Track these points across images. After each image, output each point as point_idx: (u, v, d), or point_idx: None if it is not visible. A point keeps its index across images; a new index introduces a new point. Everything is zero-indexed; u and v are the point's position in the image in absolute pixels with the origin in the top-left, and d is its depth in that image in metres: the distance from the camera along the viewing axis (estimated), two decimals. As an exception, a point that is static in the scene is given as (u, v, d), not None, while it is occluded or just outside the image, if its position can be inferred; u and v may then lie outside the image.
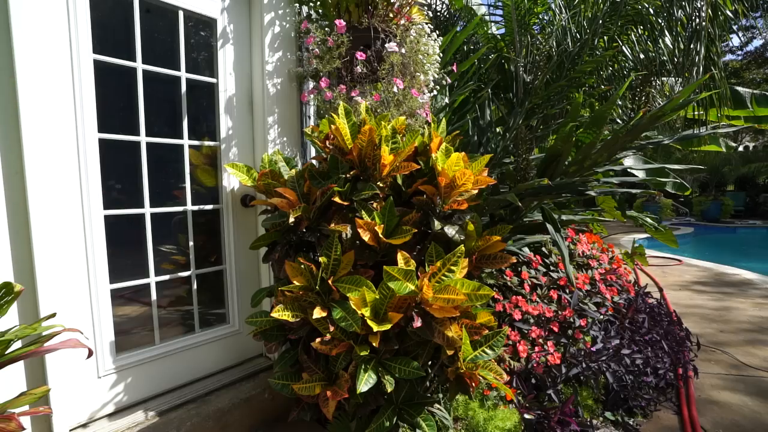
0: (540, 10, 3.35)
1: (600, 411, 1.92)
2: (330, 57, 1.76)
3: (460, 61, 2.95)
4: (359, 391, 1.15)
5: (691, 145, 5.36)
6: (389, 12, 1.88)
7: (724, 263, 5.70)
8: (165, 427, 1.49)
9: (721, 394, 2.17)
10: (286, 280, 1.40)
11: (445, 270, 1.24)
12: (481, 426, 1.65)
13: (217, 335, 1.85)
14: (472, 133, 2.63)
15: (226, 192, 1.85)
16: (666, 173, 4.07)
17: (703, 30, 2.85)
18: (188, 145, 1.73)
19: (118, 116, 1.55)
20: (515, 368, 1.96)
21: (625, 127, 2.15)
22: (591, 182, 2.09)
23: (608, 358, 1.97)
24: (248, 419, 1.74)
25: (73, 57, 1.36)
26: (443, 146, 1.43)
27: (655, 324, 2.49)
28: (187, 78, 1.71)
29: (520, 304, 2.07)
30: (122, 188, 1.58)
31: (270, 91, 1.85)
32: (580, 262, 2.69)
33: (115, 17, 1.52)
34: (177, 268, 1.74)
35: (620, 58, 3.33)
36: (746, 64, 16.09)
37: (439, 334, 1.22)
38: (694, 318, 3.38)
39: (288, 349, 1.48)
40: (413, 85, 1.83)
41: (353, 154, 1.43)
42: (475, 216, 1.49)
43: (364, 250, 1.42)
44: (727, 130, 2.58)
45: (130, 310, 1.63)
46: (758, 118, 4.96)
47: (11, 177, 1.26)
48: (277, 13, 1.86)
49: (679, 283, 4.64)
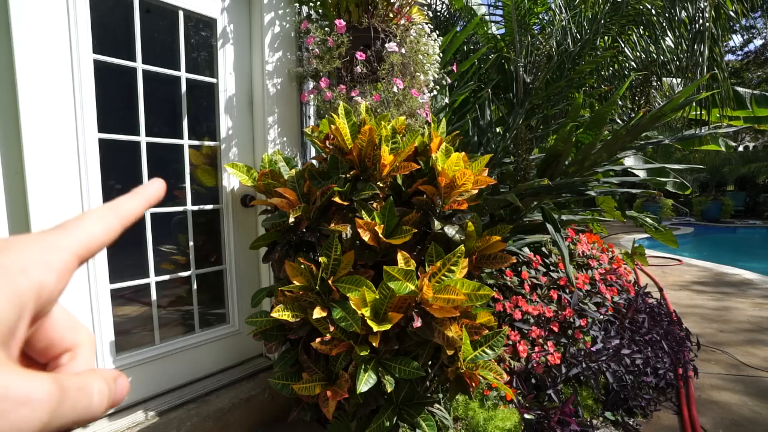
0: (540, 10, 3.35)
1: (600, 411, 1.92)
2: (330, 57, 1.75)
3: (460, 61, 2.94)
4: (359, 391, 1.15)
5: (691, 145, 5.37)
6: (389, 12, 1.88)
7: (723, 263, 5.70)
8: (165, 427, 1.49)
9: (721, 394, 2.17)
10: (286, 280, 1.40)
11: (445, 270, 1.24)
12: (481, 426, 1.65)
13: (217, 335, 1.85)
14: (472, 133, 2.63)
15: (226, 192, 1.85)
16: (666, 173, 4.06)
17: (707, 30, 2.85)
18: (188, 145, 1.73)
19: (118, 116, 1.55)
20: (515, 368, 1.96)
21: (625, 127, 2.15)
22: (591, 182, 2.09)
23: (608, 358, 1.97)
24: (248, 419, 1.74)
25: (73, 57, 1.36)
26: (443, 146, 1.43)
27: (655, 324, 2.49)
28: (187, 78, 1.71)
29: (520, 304, 2.07)
30: (122, 188, 1.58)
31: (270, 91, 1.85)
32: (580, 262, 2.69)
33: (115, 17, 1.52)
34: (177, 268, 1.74)
35: (621, 58, 3.33)
36: (746, 64, 16.09)
37: (439, 334, 1.22)
38: (694, 318, 3.39)
39: (288, 349, 1.48)
40: (413, 85, 1.83)
41: (353, 154, 1.43)
42: (475, 216, 1.49)
43: (364, 250, 1.42)
44: (727, 130, 2.58)
45: (130, 310, 1.63)
46: (758, 118, 4.96)
47: (11, 177, 1.26)
48: (277, 13, 1.86)
49: (679, 283, 4.64)
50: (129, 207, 0.26)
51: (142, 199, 0.27)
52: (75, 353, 0.24)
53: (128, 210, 0.25)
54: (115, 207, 0.25)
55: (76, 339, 0.25)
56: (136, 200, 0.26)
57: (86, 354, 0.25)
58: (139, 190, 0.27)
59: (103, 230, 0.23)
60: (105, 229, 0.23)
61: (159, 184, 0.28)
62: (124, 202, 0.26)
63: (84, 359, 0.24)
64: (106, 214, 0.24)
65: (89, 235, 0.23)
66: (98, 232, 0.23)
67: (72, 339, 0.24)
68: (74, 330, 0.25)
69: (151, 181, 0.28)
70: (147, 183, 0.28)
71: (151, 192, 0.27)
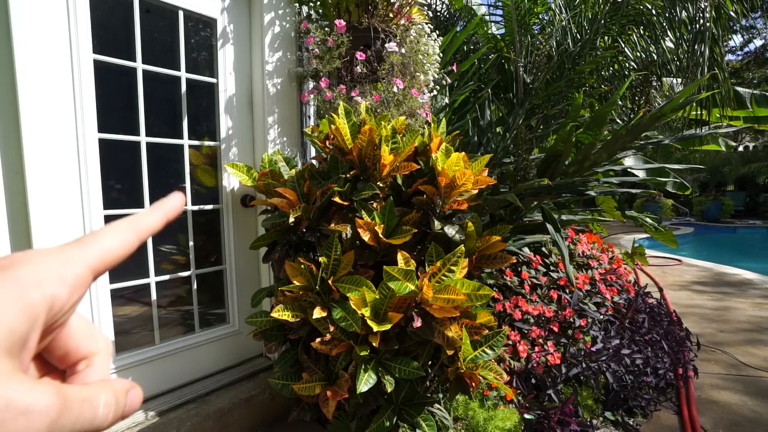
0: (540, 10, 3.35)
1: (600, 411, 1.92)
2: (330, 57, 1.75)
3: (460, 61, 2.94)
4: (359, 391, 1.15)
5: (691, 145, 5.37)
6: (389, 12, 1.88)
7: (723, 263, 5.70)
8: (165, 427, 1.49)
9: (721, 393, 2.17)
10: (286, 280, 1.40)
11: (445, 270, 1.24)
12: (481, 426, 1.65)
13: (217, 335, 1.85)
14: (472, 133, 2.63)
15: (226, 192, 1.85)
16: (666, 173, 4.07)
17: (707, 31, 2.85)
18: (188, 145, 1.73)
19: (118, 116, 1.55)
20: (515, 368, 1.96)
21: (625, 127, 2.15)
22: (591, 182, 2.09)
23: (608, 358, 1.97)
24: (248, 419, 1.74)
25: (73, 57, 1.36)
26: (443, 146, 1.43)
27: (655, 324, 2.49)
28: (187, 78, 1.71)
29: (520, 304, 2.07)
30: (122, 188, 1.58)
31: (270, 91, 1.85)
32: (580, 262, 2.69)
33: (115, 17, 1.52)
34: (177, 268, 1.74)
35: (621, 58, 3.33)
36: (746, 64, 16.10)
37: (439, 334, 1.22)
38: (693, 318, 3.39)
39: (288, 349, 1.48)
40: (413, 85, 1.83)
41: (353, 154, 1.43)
42: (475, 216, 1.49)
43: (364, 250, 1.42)
44: (727, 130, 2.58)
45: (130, 310, 1.63)
46: (758, 118, 4.96)
47: (11, 177, 1.26)
48: (277, 13, 1.86)
49: (679, 283, 4.64)
50: (148, 222, 0.26)
51: (160, 213, 0.27)
52: (91, 361, 0.25)
53: (146, 225, 0.26)
54: (134, 222, 0.26)
55: (93, 347, 0.25)
56: (155, 215, 0.27)
57: (101, 362, 0.26)
58: (158, 205, 0.28)
59: (119, 244, 0.24)
60: (121, 243, 0.24)
61: (178, 198, 0.29)
62: (143, 216, 0.27)
63: (99, 368, 0.25)
64: (123, 228, 0.25)
65: (105, 249, 0.23)
66: (115, 246, 0.24)
67: (88, 347, 0.25)
68: (92, 338, 0.25)
69: (171, 194, 0.29)
70: (167, 197, 0.28)
71: (171, 206, 0.28)
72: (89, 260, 0.22)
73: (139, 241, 0.26)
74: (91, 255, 0.23)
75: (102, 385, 0.23)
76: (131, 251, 0.25)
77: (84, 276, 0.22)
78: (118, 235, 0.24)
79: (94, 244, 0.23)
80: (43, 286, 0.20)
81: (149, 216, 0.27)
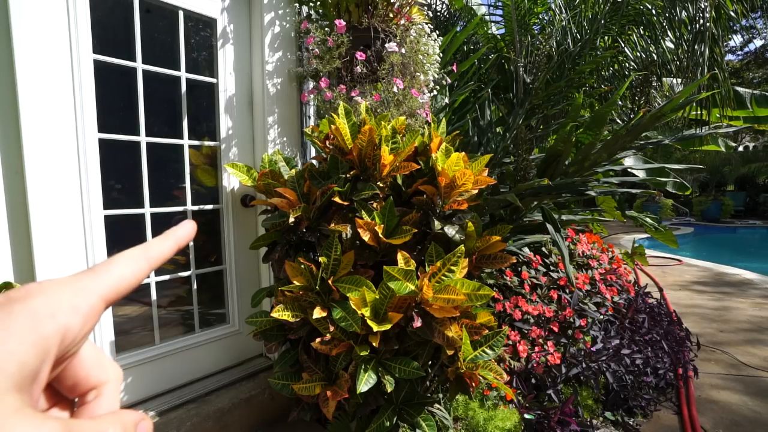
0: (540, 10, 3.35)
1: (600, 411, 1.92)
2: (330, 57, 1.75)
3: (460, 61, 2.94)
4: (359, 391, 1.15)
5: (691, 145, 5.37)
6: (389, 12, 1.88)
7: (723, 263, 5.71)
8: (165, 427, 1.49)
9: (721, 393, 2.17)
10: (286, 280, 1.40)
11: (445, 270, 1.24)
12: (481, 426, 1.65)
13: (217, 335, 1.85)
14: (472, 133, 2.63)
15: (226, 192, 1.85)
16: (666, 173, 4.07)
17: (707, 31, 2.85)
18: (188, 145, 1.73)
19: (118, 116, 1.55)
20: (515, 368, 1.96)
21: (625, 127, 2.15)
22: (591, 182, 2.09)
23: (608, 358, 1.97)
24: (248, 419, 1.74)
25: (73, 57, 1.36)
26: (443, 146, 1.43)
27: (655, 324, 2.49)
28: (187, 78, 1.71)
29: (520, 304, 2.07)
30: (122, 188, 1.58)
31: (270, 91, 1.85)
32: (580, 262, 2.69)
33: (115, 17, 1.52)
34: (177, 268, 1.74)
35: (621, 58, 3.33)
36: (746, 64, 16.10)
37: (439, 334, 1.22)
38: (693, 318, 3.39)
39: (288, 349, 1.48)
40: (413, 85, 1.83)
41: (353, 154, 1.43)
42: (475, 216, 1.49)
43: (364, 250, 1.42)
44: (726, 130, 2.58)
45: (130, 310, 1.63)
46: (758, 118, 4.96)
47: (11, 177, 1.26)
48: (277, 13, 1.86)
49: (679, 283, 4.64)
50: (159, 249, 0.27)
51: (172, 242, 0.28)
52: (100, 391, 0.25)
53: (158, 253, 0.27)
54: (146, 250, 0.26)
55: (103, 377, 0.25)
56: (166, 243, 0.27)
57: (111, 393, 0.26)
58: (170, 233, 0.28)
59: (131, 273, 0.24)
60: (133, 272, 0.25)
61: (190, 226, 0.29)
62: (155, 244, 0.27)
63: (108, 399, 0.25)
64: (135, 257, 0.25)
65: (117, 278, 0.24)
66: (127, 275, 0.24)
67: (98, 377, 0.25)
68: (102, 367, 0.25)
69: (183, 222, 0.29)
70: (179, 225, 0.29)
71: (182, 234, 0.28)
72: (102, 290, 0.23)
73: (150, 269, 0.26)
74: (103, 285, 0.23)
75: (111, 418, 0.22)
76: (143, 279, 0.25)
77: (97, 306, 0.22)
78: (131, 264, 0.25)
79: (106, 273, 0.23)
80: (56, 316, 0.20)
81: (161, 244, 0.27)
